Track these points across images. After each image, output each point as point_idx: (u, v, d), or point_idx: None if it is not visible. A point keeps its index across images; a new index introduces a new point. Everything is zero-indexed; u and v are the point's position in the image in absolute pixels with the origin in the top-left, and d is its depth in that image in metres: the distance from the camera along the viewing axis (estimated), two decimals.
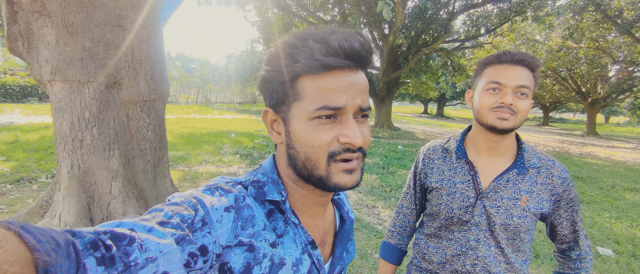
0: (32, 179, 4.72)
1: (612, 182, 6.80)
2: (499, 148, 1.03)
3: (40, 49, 2.80)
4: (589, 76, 19.54)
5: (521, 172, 1.01)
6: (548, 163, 1.04)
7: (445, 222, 1.07)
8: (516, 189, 1.00)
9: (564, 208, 1.03)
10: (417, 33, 12.71)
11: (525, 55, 0.95)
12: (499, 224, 0.99)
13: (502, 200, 1.00)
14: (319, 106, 0.50)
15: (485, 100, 0.97)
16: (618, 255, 3.50)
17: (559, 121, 44.59)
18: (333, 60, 0.49)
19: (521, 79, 0.94)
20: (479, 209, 1.01)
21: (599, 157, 10.96)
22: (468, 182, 1.04)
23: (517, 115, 0.95)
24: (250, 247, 0.51)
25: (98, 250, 0.35)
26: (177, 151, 7.09)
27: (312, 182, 0.54)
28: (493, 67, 0.98)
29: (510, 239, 1.01)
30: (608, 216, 4.64)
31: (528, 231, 1.02)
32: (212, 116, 16.25)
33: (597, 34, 15.12)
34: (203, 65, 36.11)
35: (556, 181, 1.02)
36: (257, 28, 16.70)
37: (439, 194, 1.08)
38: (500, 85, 0.95)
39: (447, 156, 1.11)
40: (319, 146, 0.51)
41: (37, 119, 10.62)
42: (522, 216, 0.99)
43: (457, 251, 1.04)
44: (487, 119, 0.97)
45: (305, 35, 0.51)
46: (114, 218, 2.97)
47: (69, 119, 2.84)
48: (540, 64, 0.98)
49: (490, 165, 1.04)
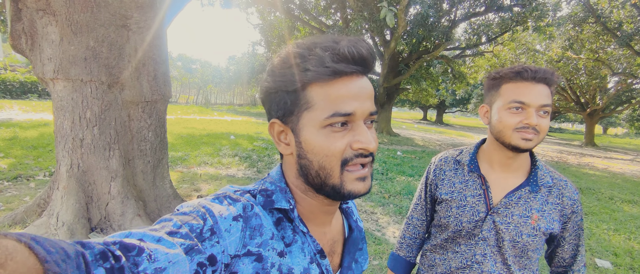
0: (29, 177, 4.70)
1: (611, 194, 6.81)
2: (513, 164, 1.01)
3: (43, 47, 2.80)
4: (588, 87, 19.65)
5: (533, 190, 0.99)
6: (560, 183, 1.02)
7: (453, 234, 1.05)
8: (527, 207, 0.98)
9: (569, 231, 1.02)
10: (418, 40, 12.78)
11: (547, 73, 0.92)
12: (508, 240, 0.98)
13: (512, 217, 0.98)
14: (330, 113, 0.50)
15: (508, 120, 0.94)
16: (616, 267, 3.49)
17: (558, 130, 44.76)
18: (343, 66, 0.49)
19: (544, 98, 0.92)
20: (489, 224, 1.00)
21: (597, 168, 10.98)
22: (479, 196, 1.02)
23: (539, 134, 0.94)
24: (258, 257, 0.51)
25: (107, 261, 0.36)
26: (176, 152, 7.07)
27: (325, 191, 0.54)
28: (513, 84, 0.94)
29: (518, 257, 0.99)
30: (606, 228, 4.64)
31: (536, 250, 1.00)
32: (211, 117, 16.25)
33: (597, 46, 15.23)
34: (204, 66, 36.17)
35: (566, 202, 1.00)
36: (259, 31, 16.76)
37: (448, 206, 1.07)
38: (524, 105, 0.92)
39: (459, 168, 1.10)
40: (332, 154, 0.51)
41: (36, 116, 10.59)
42: (531, 234, 0.97)
43: (462, 264, 1.03)
44: (511, 140, 0.94)
45: (311, 44, 0.51)
46: (113, 218, 2.96)
47: (70, 117, 2.84)
48: (558, 80, 0.96)
49: (502, 180, 1.02)
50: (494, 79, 1.00)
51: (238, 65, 28.99)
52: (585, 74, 18.12)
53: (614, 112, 21.25)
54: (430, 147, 12.95)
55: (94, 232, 2.91)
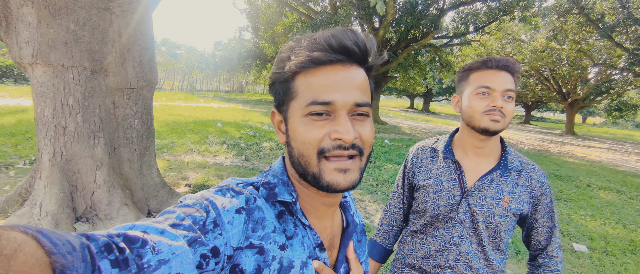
0: (8, 165, 4.54)
1: (588, 181, 7.08)
2: (485, 149, 1.08)
3: (19, 29, 2.67)
4: (570, 77, 20.16)
5: (504, 173, 1.06)
6: (528, 167, 1.10)
7: (431, 219, 1.11)
8: (499, 189, 1.06)
9: (541, 213, 1.08)
10: (407, 28, 12.76)
11: (508, 62, 1.02)
12: (481, 222, 1.05)
13: (485, 199, 1.05)
14: (309, 101, 0.51)
15: (477, 104, 1.02)
16: (591, 251, 3.67)
17: (540, 119, 45.99)
18: (319, 54, 0.50)
19: (508, 83, 1.00)
20: (464, 207, 1.06)
21: (576, 157, 11.38)
22: (454, 181, 1.09)
23: (505, 117, 1.01)
24: (260, 249, 0.52)
25: (112, 253, 0.36)
26: (162, 140, 6.94)
27: (308, 180, 0.54)
28: (480, 73, 1.03)
29: (491, 237, 1.06)
30: (583, 214, 4.85)
31: (508, 230, 1.07)
32: (197, 104, 15.96)
33: (580, 37, 15.58)
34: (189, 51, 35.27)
35: (535, 184, 1.07)
36: (246, 16, 16.41)
37: (425, 192, 1.12)
38: (490, 89, 1.00)
39: (435, 156, 1.16)
40: (308, 141, 0.51)
41: (13, 102, 10.17)
42: (503, 215, 1.04)
43: (441, 246, 1.09)
44: (480, 122, 1.01)
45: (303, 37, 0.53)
46: (99, 207, 2.90)
47: (52, 104, 2.73)
48: (520, 69, 1.05)
49: (475, 165, 1.09)
50: (463, 71, 1.09)
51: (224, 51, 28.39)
52: (567, 65, 18.57)
53: (594, 102, 21.93)
54: (417, 135, 13.12)
55: (79, 222, 2.86)
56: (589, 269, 3.28)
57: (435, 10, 12.62)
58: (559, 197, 5.69)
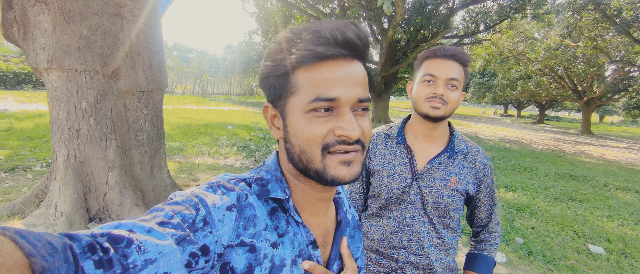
0: (26, 168, 4.69)
1: (605, 181, 6.88)
2: (434, 134, 1.14)
3: (36, 36, 2.76)
4: (586, 75, 19.65)
5: (451, 156, 1.12)
6: (473, 150, 1.16)
7: (385, 202, 1.16)
8: (447, 171, 1.12)
9: (483, 193, 1.16)
10: (416, 28, 12.67)
11: (457, 51, 1.06)
12: (431, 202, 1.10)
13: (434, 181, 1.11)
14: (312, 97, 0.49)
15: (421, 91, 1.08)
16: (609, 253, 3.56)
17: (554, 119, 44.94)
18: (325, 49, 0.48)
19: (452, 72, 1.05)
20: (415, 189, 1.12)
21: (592, 156, 11.08)
22: (406, 164, 1.14)
23: (448, 105, 1.05)
24: (251, 247, 0.51)
25: (95, 253, 0.35)
26: (174, 142, 7.06)
27: (310, 176, 0.53)
28: (429, 61, 1.08)
29: (441, 217, 1.12)
30: (600, 215, 4.71)
31: (456, 209, 1.13)
32: (208, 107, 16.17)
33: (596, 33, 15.17)
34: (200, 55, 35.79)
35: (479, 166, 1.14)
36: (256, 19, 16.53)
37: (380, 176, 1.17)
38: (434, 77, 1.05)
39: (388, 142, 1.21)
40: (312, 139, 0.50)
41: (31, 107, 10.50)
42: (451, 195, 1.10)
43: (395, 228, 1.14)
44: (422, 108, 1.07)
45: (301, 28, 0.51)
46: (111, 208, 2.97)
47: (66, 108, 2.81)
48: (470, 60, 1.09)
49: (425, 149, 1.15)
50: (419, 59, 1.13)
51: (235, 55, 28.74)
52: (583, 62, 18.10)
53: (611, 100, 21.31)
54: None
55: (92, 222, 2.93)
56: (607, 271, 3.19)
57: (445, 10, 12.50)
58: (574, 197, 5.55)
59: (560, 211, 4.73)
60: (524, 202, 5.03)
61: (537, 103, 32.33)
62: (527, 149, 11.39)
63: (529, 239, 3.72)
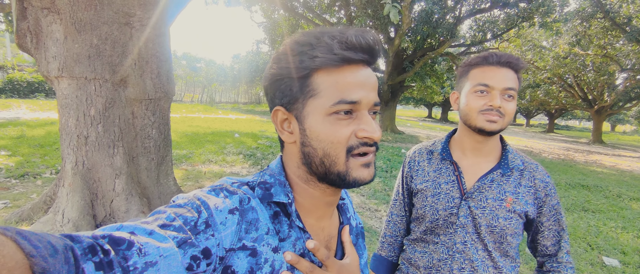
0: (36, 175, 4.75)
1: (618, 192, 6.71)
2: (484, 149, 1.03)
3: (48, 45, 2.82)
4: (596, 84, 19.37)
5: (505, 173, 1.00)
6: (531, 166, 1.03)
7: (431, 225, 1.05)
8: (501, 190, 0.99)
9: (547, 216, 1.01)
10: (423, 37, 12.68)
11: (511, 57, 0.96)
12: (484, 225, 0.98)
13: (487, 200, 0.99)
14: (336, 100, 0.50)
15: (473, 102, 0.97)
16: (624, 266, 3.44)
17: (564, 128, 44.26)
18: (351, 54, 0.49)
19: (508, 81, 0.95)
20: (464, 210, 0.99)
21: (604, 166, 10.84)
22: (452, 182, 1.03)
23: (504, 117, 0.96)
24: (253, 251, 0.50)
25: (96, 255, 0.35)
26: (181, 150, 7.11)
27: (330, 179, 0.53)
28: (479, 69, 0.98)
29: (497, 243, 0.99)
30: (614, 226, 4.58)
31: (515, 234, 0.99)
32: (216, 116, 16.31)
33: (605, 42, 15.00)
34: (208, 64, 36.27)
35: (539, 184, 1.01)
36: (263, 29, 16.76)
37: (424, 195, 1.07)
38: (488, 87, 0.95)
39: (432, 158, 1.11)
40: (338, 141, 0.51)
41: (43, 115, 10.71)
42: (508, 217, 0.97)
43: (444, 254, 1.02)
44: (476, 122, 0.97)
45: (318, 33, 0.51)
46: (117, 215, 2.98)
47: (75, 115, 2.85)
48: (524, 66, 0.98)
49: (474, 165, 1.03)
50: (464, 66, 1.03)
51: (242, 64, 29.06)
52: (592, 71, 17.88)
53: (623, 109, 20.93)
54: None
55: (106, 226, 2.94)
56: None
57: (451, 19, 12.51)
58: (586, 208, 5.41)
59: (572, 222, 4.61)
60: None
61: (546, 112, 31.92)
62: (537, 159, 11.19)
63: None
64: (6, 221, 3.04)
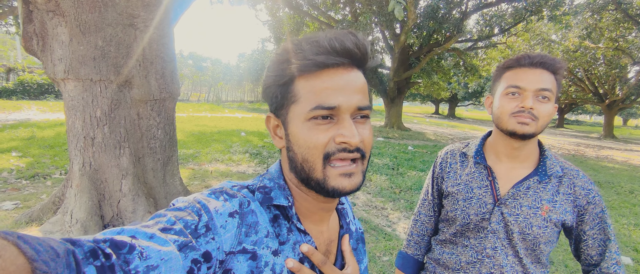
0: (46, 175, 4.83)
1: (631, 187, 6.58)
2: (520, 154, 0.99)
3: (54, 47, 2.85)
4: (607, 77, 18.99)
5: (542, 180, 0.97)
6: (571, 173, 0.99)
7: (461, 228, 1.03)
8: (537, 198, 0.96)
9: (590, 224, 0.97)
10: (429, 33, 12.55)
11: (545, 58, 0.92)
12: (517, 232, 0.95)
13: (521, 208, 0.96)
14: (313, 105, 0.50)
15: (505, 105, 0.95)
16: (637, 264, 3.37)
17: (575, 123, 43.51)
18: (324, 58, 0.49)
19: (542, 82, 0.91)
20: (497, 216, 0.98)
21: (616, 161, 10.63)
22: (486, 187, 1.01)
23: (538, 120, 0.92)
24: (253, 255, 0.50)
25: (98, 259, 0.35)
26: (188, 149, 7.16)
27: (311, 186, 0.53)
28: (512, 71, 0.95)
29: (530, 250, 0.96)
30: (626, 223, 4.49)
31: (549, 242, 0.97)
32: (222, 115, 16.39)
33: (617, 34, 14.68)
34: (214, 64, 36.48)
35: (579, 192, 0.96)
36: (268, 27, 16.76)
37: (455, 199, 1.05)
38: (520, 89, 0.93)
39: (465, 161, 1.09)
40: (314, 146, 0.50)
41: (53, 116, 10.88)
42: (542, 226, 0.95)
43: (473, 258, 1.01)
44: (508, 125, 0.94)
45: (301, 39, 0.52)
46: (124, 215, 3.00)
47: (81, 117, 2.88)
48: (563, 66, 0.94)
49: (510, 171, 1.00)
50: (498, 69, 1.02)
51: (248, 63, 29.15)
52: (604, 64, 17.52)
53: (635, 102, 20.49)
54: (442, 141, 12.76)
55: (107, 229, 2.97)
56: None
57: (458, 14, 12.35)
58: None
59: None
60: None
61: None
62: None
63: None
64: (16, 221, 3.09)
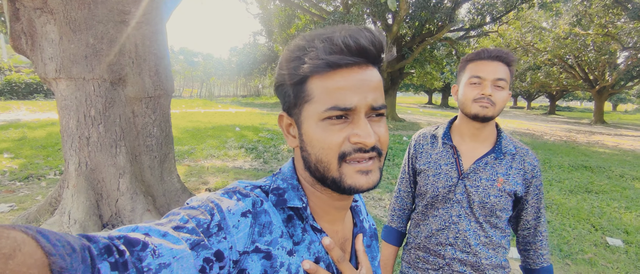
0: (40, 176, 4.77)
1: (621, 171, 6.72)
2: (481, 135, 1.17)
3: (44, 46, 2.80)
4: (597, 63, 19.21)
5: (498, 157, 1.14)
6: (522, 151, 1.17)
7: (431, 200, 1.20)
8: (493, 172, 1.13)
9: (531, 195, 1.16)
10: (421, 23, 12.53)
11: (501, 52, 1.09)
12: (477, 202, 1.12)
13: (480, 181, 1.13)
14: (328, 106, 0.49)
15: (469, 92, 1.11)
16: (627, 245, 3.47)
17: (566, 109, 44.06)
18: (338, 58, 0.47)
19: (498, 72, 1.08)
20: (461, 188, 1.15)
21: (607, 146, 10.83)
22: (451, 164, 1.18)
23: (496, 105, 1.09)
24: (267, 254, 0.50)
25: (112, 255, 0.36)
26: (183, 146, 7.12)
27: (327, 184, 0.53)
28: (474, 63, 1.12)
29: (488, 216, 1.14)
30: (617, 206, 4.60)
31: (503, 210, 1.13)
32: (216, 110, 16.28)
33: (606, 20, 14.81)
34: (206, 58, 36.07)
35: (528, 167, 1.15)
36: (260, 20, 16.61)
37: (426, 175, 1.21)
38: (480, 78, 1.09)
39: (434, 142, 1.25)
40: (329, 147, 0.50)
41: (43, 116, 10.70)
42: (498, 195, 1.12)
43: (441, 225, 1.17)
44: (471, 109, 1.11)
45: (313, 35, 0.50)
46: (123, 214, 2.99)
47: (75, 116, 2.85)
48: (515, 59, 1.12)
49: (471, 150, 1.18)
50: (462, 62, 1.18)
51: (240, 57, 28.85)
52: (593, 50, 17.70)
53: (624, 88, 20.81)
54: None
55: (105, 228, 2.96)
56: (626, 264, 3.10)
57: (449, 3, 12.34)
58: (590, 189, 5.42)
59: (575, 204, 4.63)
60: None
61: (547, 94, 31.76)
62: (539, 141, 11.19)
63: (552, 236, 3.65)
64: (13, 223, 3.06)
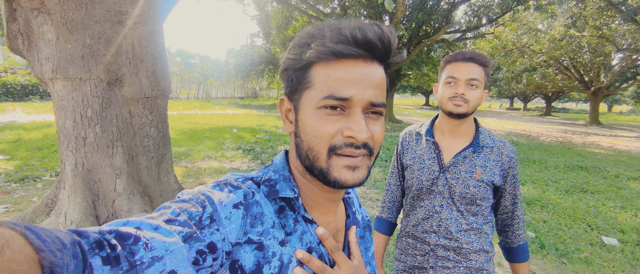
0: (36, 178, 4.74)
1: (616, 172, 6.77)
2: (459, 131, 1.26)
3: (40, 47, 2.78)
4: (592, 65, 19.37)
5: (476, 150, 1.23)
6: (500, 144, 1.26)
7: (417, 192, 1.30)
8: (472, 164, 1.22)
9: (509, 183, 1.25)
10: (418, 24, 12.59)
11: (475, 54, 1.17)
12: (458, 193, 1.21)
13: (460, 173, 1.22)
14: (325, 94, 0.49)
15: (445, 91, 1.21)
16: (623, 244, 3.49)
17: (562, 110, 44.34)
18: (343, 48, 0.47)
19: (471, 73, 1.16)
20: (442, 181, 1.24)
21: (602, 147, 10.91)
22: (434, 158, 1.27)
23: (469, 102, 1.17)
24: (259, 245, 0.51)
25: (103, 250, 0.36)
26: (180, 147, 7.10)
27: (315, 174, 0.53)
28: (451, 65, 1.20)
29: (468, 205, 1.23)
30: (612, 206, 4.63)
31: (483, 198, 1.22)
32: (213, 112, 16.24)
33: (601, 22, 14.95)
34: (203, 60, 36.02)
35: (505, 159, 1.23)
36: (257, 22, 16.61)
37: (412, 169, 1.32)
38: (455, 79, 1.18)
39: (419, 139, 1.35)
40: (320, 136, 0.50)
41: (39, 118, 10.63)
42: (477, 186, 1.21)
43: (426, 215, 1.28)
44: (446, 107, 1.20)
45: (325, 24, 0.51)
46: (120, 215, 2.98)
47: (72, 117, 2.83)
48: (489, 61, 1.19)
49: (451, 145, 1.27)
50: (442, 63, 1.26)
51: (237, 58, 28.81)
52: (588, 52, 17.84)
53: (619, 89, 20.99)
54: None
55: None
56: (621, 263, 3.13)
57: (446, 5, 12.41)
58: (585, 189, 5.46)
59: (571, 204, 4.66)
60: (534, 195, 4.96)
61: (543, 95, 31.96)
62: (535, 142, 11.26)
63: (541, 233, 3.67)
64: None
